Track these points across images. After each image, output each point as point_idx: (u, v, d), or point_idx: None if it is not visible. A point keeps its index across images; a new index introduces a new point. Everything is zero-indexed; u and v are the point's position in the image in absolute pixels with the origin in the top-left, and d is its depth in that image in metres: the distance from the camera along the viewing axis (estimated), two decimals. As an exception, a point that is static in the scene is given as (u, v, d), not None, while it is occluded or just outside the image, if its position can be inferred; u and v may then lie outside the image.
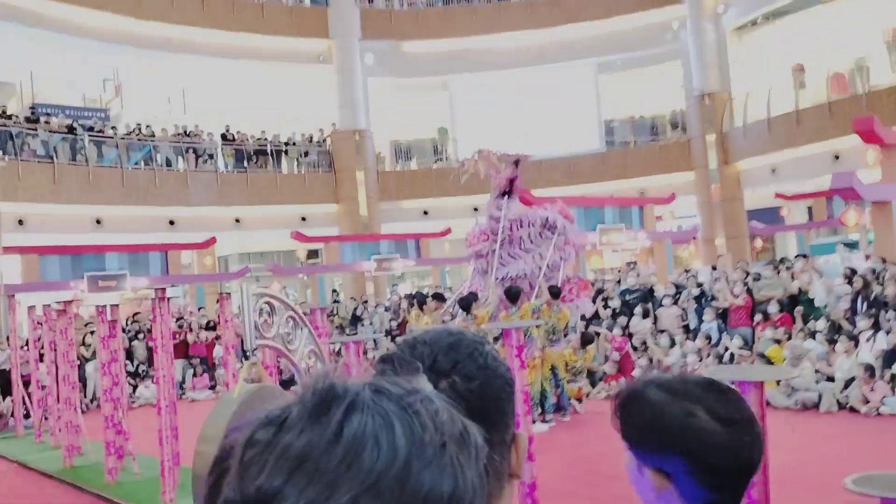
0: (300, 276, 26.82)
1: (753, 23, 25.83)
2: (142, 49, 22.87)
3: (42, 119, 21.45)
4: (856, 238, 18.96)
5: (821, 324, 11.94)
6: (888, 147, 14.52)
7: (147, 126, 23.38)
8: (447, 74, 27.96)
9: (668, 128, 27.85)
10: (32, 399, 13.19)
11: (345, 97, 25.90)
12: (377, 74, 26.82)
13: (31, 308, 13.60)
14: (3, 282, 15.41)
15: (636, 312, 14.69)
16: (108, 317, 9.65)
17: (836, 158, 20.49)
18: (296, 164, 25.54)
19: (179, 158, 23.33)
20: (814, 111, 21.57)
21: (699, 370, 11.08)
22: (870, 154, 15.84)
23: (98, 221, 21.15)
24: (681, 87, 26.25)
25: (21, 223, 19.28)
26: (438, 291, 15.91)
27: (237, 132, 24.89)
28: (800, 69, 23.00)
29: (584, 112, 27.88)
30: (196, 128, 24.32)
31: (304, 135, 26.02)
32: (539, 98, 27.65)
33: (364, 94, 26.28)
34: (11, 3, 19.96)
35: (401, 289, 26.69)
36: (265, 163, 24.95)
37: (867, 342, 10.79)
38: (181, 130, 24.04)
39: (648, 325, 14.22)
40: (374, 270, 23.44)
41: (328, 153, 25.94)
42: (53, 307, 11.39)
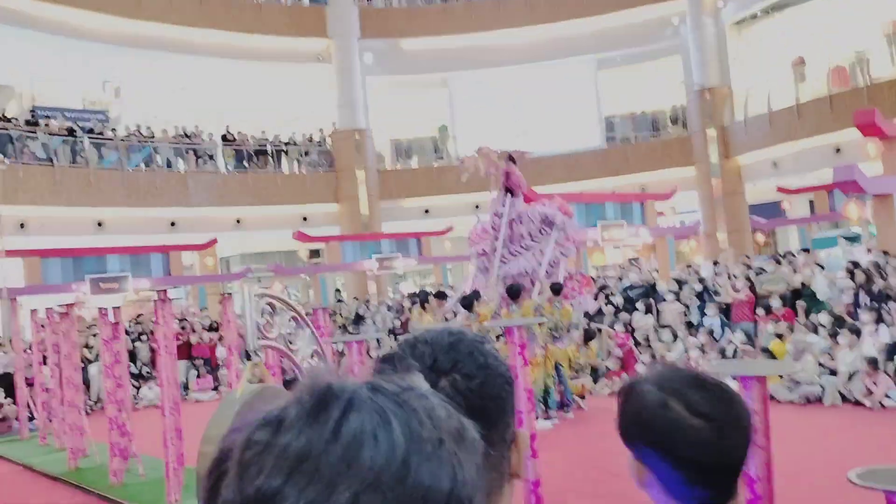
0: (302, 276, 26.81)
1: (753, 17, 25.79)
2: (141, 50, 22.85)
3: (42, 122, 21.45)
4: (857, 231, 18.94)
5: (823, 317, 11.93)
6: (889, 140, 14.51)
7: (147, 127, 23.39)
8: (447, 72, 27.93)
9: (669, 123, 27.81)
10: (36, 402, 13.21)
11: (344, 96, 25.88)
12: (376, 73, 26.79)
13: (34, 311, 13.62)
14: (6, 285, 15.43)
15: (638, 308, 14.70)
16: (111, 319, 9.66)
17: (838, 151, 20.46)
18: (296, 164, 25.54)
19: (180, 159, 23.33)
20: (814, 104, 21.52)
21: (702, 365, 11.08)
22: (871, 147, 15.82)
23: (99, 224, 21.16)
24: (681, 83, 26.22)
25: (22, 226, 19.30)
26: (440, 290, 15.90)
27: (237, 133, 24.88)
28: (800, 62, 22.96)
29: (585, 108, 27.84)
30: (196, 129, 24.32)
31: (305, 135, 26.01)
32: (539, 95, 27.61)
33: (363, 93, 26.26)
34: (10, 7, 19.96)
35: (403, 287, 26.67)
36: (265, 163, 24.94)
37: (870, 335, 10.79)
38: (181, 131, 24.03)
39: (651, 321, 14.22)
40: (376, 269, 23.46)
41: (328, 153, 25.93)
42: (56, 310, 11.41)
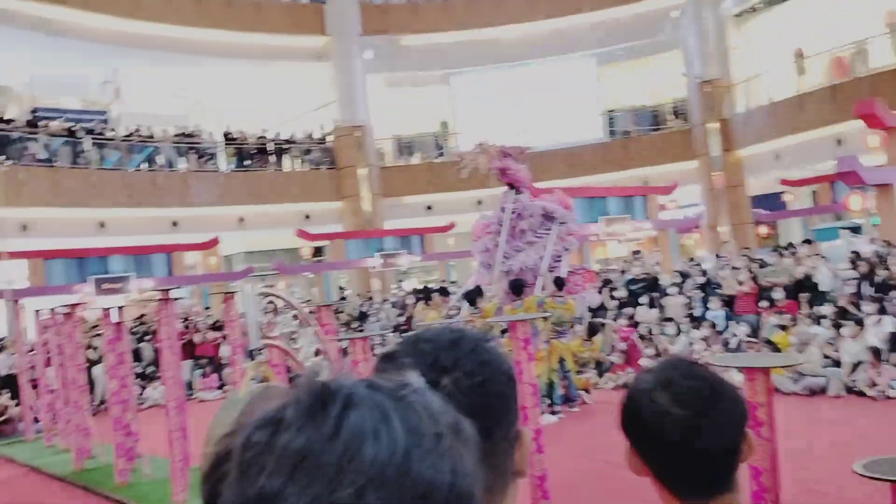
0: (306, 274, 26.81)
1: (753, 9, 25.72)
2: (140, 50, 22.84)
3: (42, 123, 21.45)
4: (859, 222, 18.91)
5: (826, 309, 11.91)
6: (891, 130, 14.48)
7: (147, 127, 23.39)
8: (447, 68, 27.89)
9: (670, 116, 27.77)
10: (41, 403, 13.23)
11: (344, 93, 25.84)
12: (376, 70, 26.75)
13: (38, 312, 13.64)
14: (10, 286, 15.45)
15: (642, 302, 14.69)
16: (114, 319, 9.68)
17: (839, 143, 20.41)
18: (298, 162, 25.53)
19: (181, 159, 23.33)
20: (815, 96, 21.47)
21: (706, 358, 11.07)
22: (872, 138, 15.79)
23: (101, 224, 21.18)
24: (682, 76, 26.17)
25: (25, 228, 19.32)
26: (444, 286, 15.90)
27: (238, 131, 24.88)
28: (800, 54, 22.91)
29: (586, 103, 27.80)
30: (196, 128, 24.32)
31: (305, 132, 26.00)
32: (540, 90, 27.58)
33: (363, 90, 26.24)
34: (9, 8, 19.96)
35: (406, 284, 26.66)
36: (267, 161, 24.94)
37: (874, 326, 10.78)
38: (182, 131, 24.03)
39: (654, 315, 14.21)
40: (380, 266, 23.45)
41: (330, 150, 25.91)
42: (59, 311, 11.43)
